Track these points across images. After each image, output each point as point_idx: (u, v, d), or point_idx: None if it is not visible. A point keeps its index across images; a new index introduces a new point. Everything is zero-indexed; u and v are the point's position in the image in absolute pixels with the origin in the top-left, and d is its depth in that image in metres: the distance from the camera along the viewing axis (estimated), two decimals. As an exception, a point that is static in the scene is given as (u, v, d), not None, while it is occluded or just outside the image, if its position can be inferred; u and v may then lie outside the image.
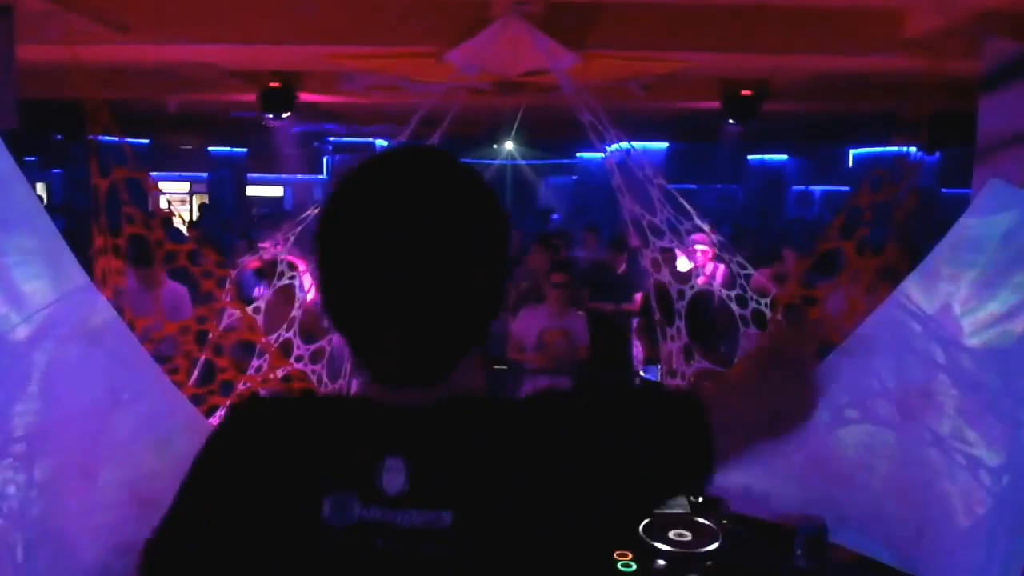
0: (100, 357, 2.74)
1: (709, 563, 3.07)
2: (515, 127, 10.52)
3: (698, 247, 5.63)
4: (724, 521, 3.31)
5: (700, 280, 5.36)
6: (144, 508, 2.85)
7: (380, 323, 1.20)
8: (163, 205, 5.78)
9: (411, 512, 1.19)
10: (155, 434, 2.92)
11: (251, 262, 5.91)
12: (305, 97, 9.90)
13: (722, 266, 6.08)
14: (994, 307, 2.83)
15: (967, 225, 2.92)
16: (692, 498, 3.51)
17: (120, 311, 3.38)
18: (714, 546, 3.13)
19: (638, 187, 4.90)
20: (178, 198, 20.69)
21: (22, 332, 2.49)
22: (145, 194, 4.30)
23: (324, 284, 1.24)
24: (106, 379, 2.75)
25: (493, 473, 1.23)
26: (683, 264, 5.93)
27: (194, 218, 18.40)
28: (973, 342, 2.86)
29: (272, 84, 9.36)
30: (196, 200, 20.44)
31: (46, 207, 2.67)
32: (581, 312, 6.77)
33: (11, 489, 2.45)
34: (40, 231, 2.56)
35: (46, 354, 2.55)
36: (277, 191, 20.76)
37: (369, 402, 1.28)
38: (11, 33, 4.95)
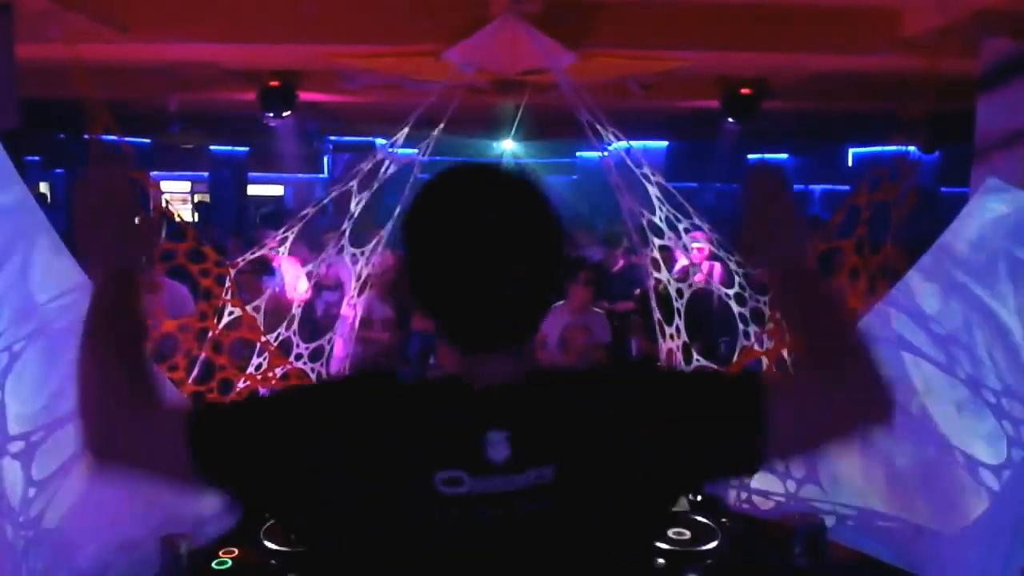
0: (99, 355, 2.74)
1: (709, 561, 3.08)
2: (515, 126, 10.48)
3: (695, 244, 5.63)
4: (723, 519, 3.31)
5: (698, 278, 5.37)
6: (144, 506, 2.87)
7: (475, 299, 1.37)
8: (163, 205, 5.79)
9: (516, 477, 1.34)
10: (154, 432, 2.92)
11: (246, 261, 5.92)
12: (305, 96, 9.90)
13: (718, 264, 6.09)
14: (992, 305, 2.84)
15: (964, 223, 2.93)
16: (691, 496, 3.52)
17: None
18: (713, 544, 3.13)
19: (637, 186, 4.91)
20: (179, 197, 20.69)
21: (20, 331, 2.50)
22: (147, 193, 4.31)
23: (421, 275, 1.41)
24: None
25: (583, 431, 1.39)
26: (680, 261, 5.94)
27: (194, 218, 18.44)
28: (971, 340, 2.87)
29: (272, 83, 9.36)
30: (197, 200, 20.43)
31: (49, 206, 2.68)
32: (601, 310, 6.80)
33: (10, 487, 2.45)
34: (38, 231, 2.56)
35: (44, 352, 2.55)
36: (278, 190, 20.76)
37: (460, 382, 1.42)
38: (11, 32, 4.95)
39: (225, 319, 4.36)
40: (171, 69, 8.57)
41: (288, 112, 9.59)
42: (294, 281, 6.49)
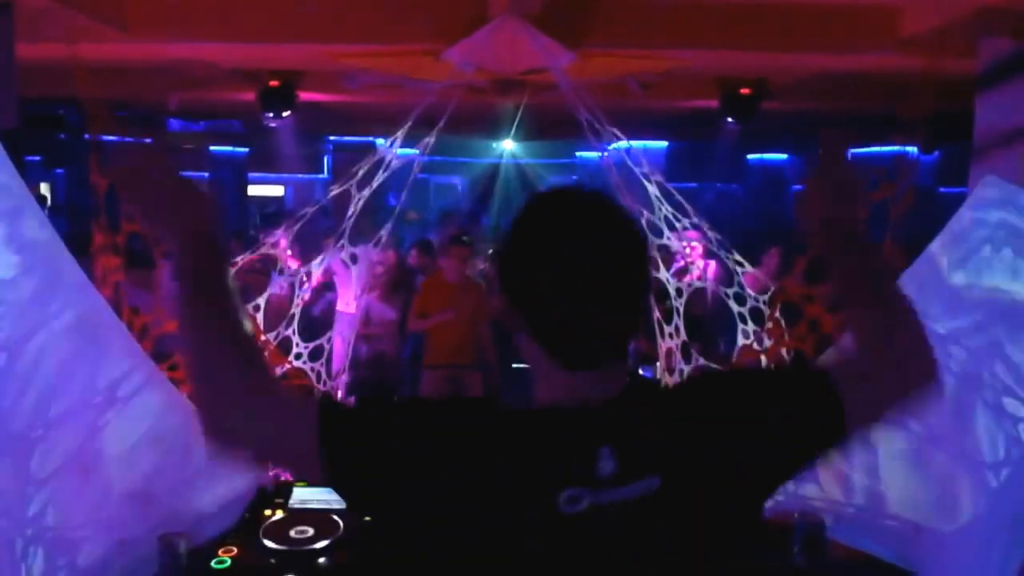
0: (97, 354, 2.74)
1: (707, 560, 3.07)
2: (514, 126, 10.48)
3: (690, 242, 5.64)
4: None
5: (693, 276, 5.38)
6: (143, 504, 2.87)
7: (582, 320, 1.45)
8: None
9: (623, 489, 1.40)
10: (153, 431, 2.93)
11: (247, 261, 5.92)
12: (305, 96, 9.89)
13: (714, 262, 6.10)
14: (990, 304, 2.84)
15: (963, 222, 2.93)
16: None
17: (119, 308, 3.39)
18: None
19: (636, 186, 4.91)
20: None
21: (19, 329, 2.50)
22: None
23: (529, 302, 1.48)
24: (103, 376, 2.76)
25: (682, 441, 1.47)
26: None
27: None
28: (969, 338, 2.87)
29: (272, 83, 9.36)
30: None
31: (50, 206, 2.68)
32: None
33: (9, 485, 2.45)
34: (37, 229, 2.57)
35: (43, 351, 2.55)
36: (278, 191, 20.75)
37: (563, 404, 1.48)
38: (11, 31, 4.94)
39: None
40: (171, 68, 8.56)
41: (288, 112, 9.58)
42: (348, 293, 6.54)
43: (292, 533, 3.11)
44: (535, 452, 1.44)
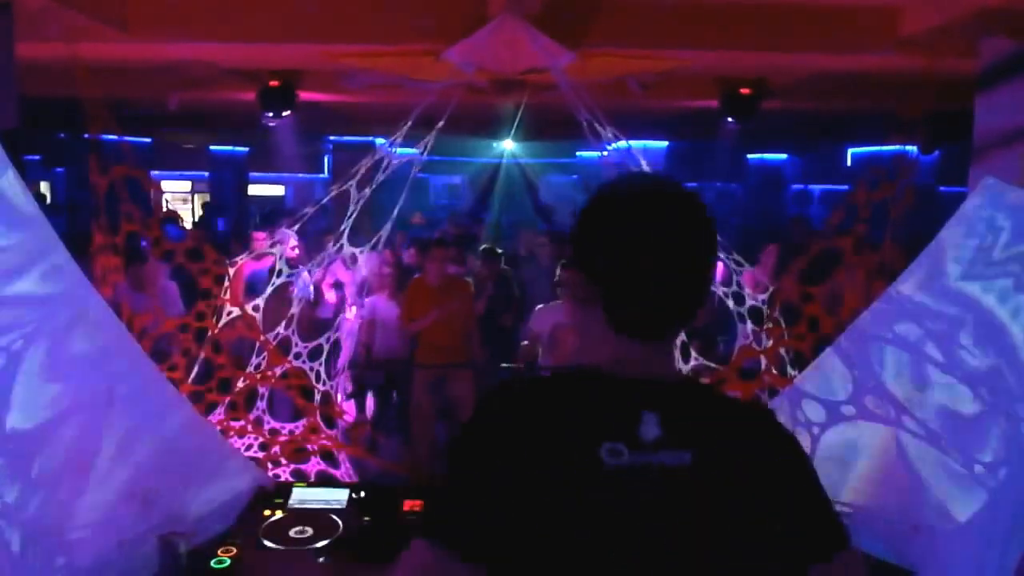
0: (96, 354, 2.74)
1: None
2: (515, 126, 10.48)
3: None
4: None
5: None
6: (143, 504, 2.87)
7: (647, 289, 1.58)
8: (163, 204, 5.80)
9: (663, 454, 1.54)
10: (152, 430, 2.93)
11: (249, 261, 5.93)
12: (305, 96, 9.90)
13: (720, 264, 6.11)
14: (989, 303, 2.85)
15: (961, 222, 2.93)
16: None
17: (118, 308, 3.40)
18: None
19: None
20: (179, 197, 20.70)
21: (18, 329, 2.50)
22: (148, 192, 4.31)
23: (599, 270, 1.60)
24: (102, 375, 2.76)
25: (720, 428, 1.60)
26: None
27: (197, 217, 18.46)
28: (968, 337, 2.88)
29: (272, 83, 9.36)
30: (199, 199, 20.44)
31: (49, 205, 2.69)
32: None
33: (8, 485, 2.46)
34: (36, 229, 2.57)
35: (42, 351, 2.55)
36: (279, 190, 20.77)
37: (616, 376, 1.60)
38: (11, 31, 4.94)
39: (224, 319, 4.37)
40: (171, 68, 8.57)
41: (288, 112, 9.58)
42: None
43: (292, 533, 3.11)
44: (582, 409, 1.58)
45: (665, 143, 17.22)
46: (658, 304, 1.60)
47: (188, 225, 15.41)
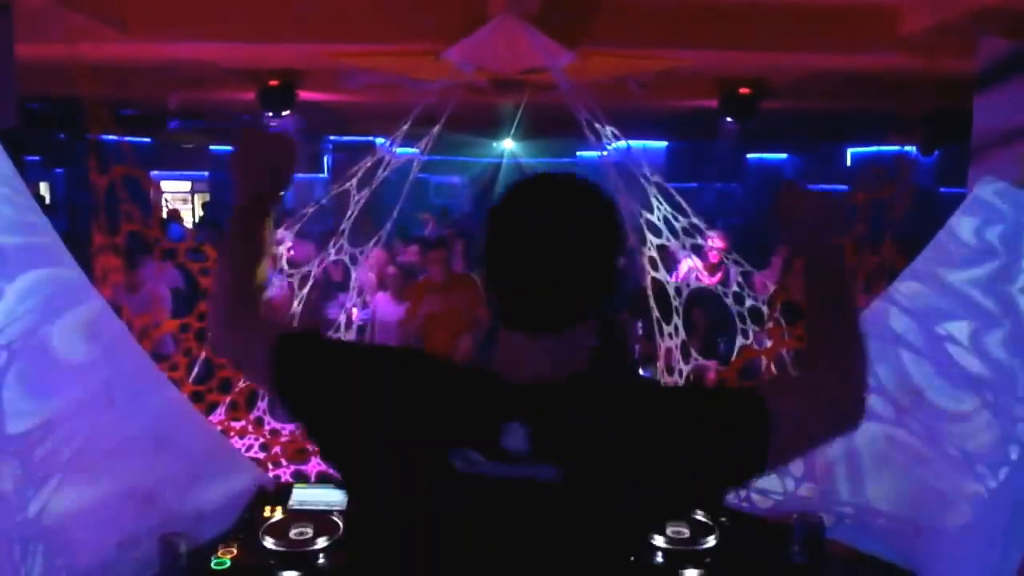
0: (97, 354, 2.75)
1: (707, 559, 3.08)
2: (514, 126, 10.50)
3: (713, 242, 5.64)
4: (722, 518, 3.31)
5: (716, 279, 5.38)
6: (143, 505, 2.87)
7: (514, 278, 1.55)
8: (163, 204, 5.81)
9: (528, 469, 1.47)
10: (153, 431, 2.93)
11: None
12: (305, 95, 9.90)
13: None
14: (988, 303, 2.85)
15: (961, 223, 2.94)
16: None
17: (118, 309, 3.40)
18: (712, 542, 3.14)
19: (635, 185, 4.91)
20: (179, 197, 20.69)
21: (18, 329, 2.50)
22: (148, 192, 4.30)
23: (486, 259, 1.59)
24: (103, 376, 2.76)
25: (593, 439, 1.51)
26: (690, 261, 5.94)
27: (199, 216, 18.46)
28: (967, 338, 2.88)
29: (271, 82, 9.37)
30: (199, 199, 20.43)
31: (48, 206, 2.69)
32: None
33: (9, 486, 2.46)
34: (37, 230, 2.57)
35: (42, 351, 2.56)
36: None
37: (497, 376, 1.56)
38: (10, 31, 4.93)
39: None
40: (171, 68, 8.57)
41: (288, 111, 9.59)
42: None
43: (292, 533, 3.11)
44: (444, 406, 1.56)
45: (665, 143, 17.23)
46: (526, 295, 1.55)
47: (188, 225, 15.40)
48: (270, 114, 9.58)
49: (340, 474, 1.69)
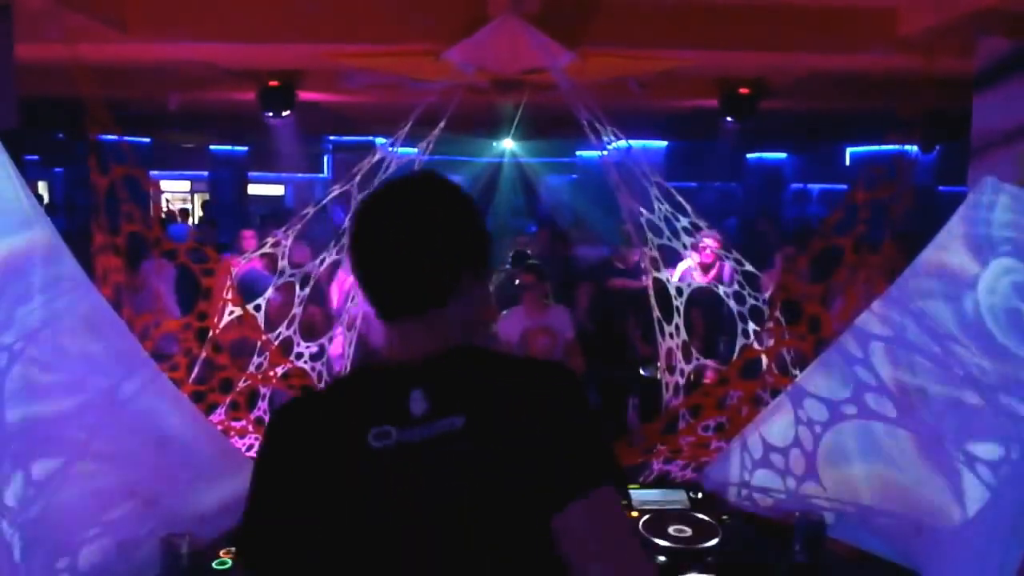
0: (97, 355, 2.74)
1: (709, 559, 3.08)
2: (514, 125, 10.49)
3: (707, 241, 5.65)
4: (724, 517, 3.32)
5: (709, 278, 5.39)
6: (144, 506, 2.87)
7: (377, 273, 1.67)
8: (163, 204, 5.81)
9: (434, 424, 1.57)
10: (154, 431, 2.93)
11: (253, 260, 5.93)
12: (304, 96, 9.90)
13: (728, 264, 6.13)
14: (988, 303, 2.85)
15: (961, 221, 2.93)
16: (691, 494, 3.53)
17: (119, 308, 3.39)
18: (714, 542, 3.14)
19: (636, 185, 4.92)
20: (179, 197, 20.70)
21: (19, 330, 2.50)
22: (148, 192, 4.31)
23: (351, 259, 1.70)
24: (103, 376, 2.76)
25: (483, 386, 1.63)
26: (688, 261, 5.95)
27: (198, 218, 18.47)
28: (968, 337, 2.88)
29: (271, 83, 9.37)
30: (198, 199, 20.45)
31: (47, 205, 2.69)
32: (562, 307, 6.70)
33: (9, 487, 2.46)
34: (38, 230, 2.57)
35: (45, 352, 2.55)
36: (278, 190, 20.76)
37: (387, 364, 1.69)
38: (10, 32, 4.94)
39: (226, 318, 4.37)
40: (171, 69, 8.57)
41: (288, 112, 9.59)
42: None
43: (293, 533, 3.11)
44: (351, 403, 1.66)
45: (664, 143, 17.22)
46: (387, 284, 1.67)
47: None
48: (270, 114, 9.57)
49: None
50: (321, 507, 1.59)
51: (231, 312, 4.40)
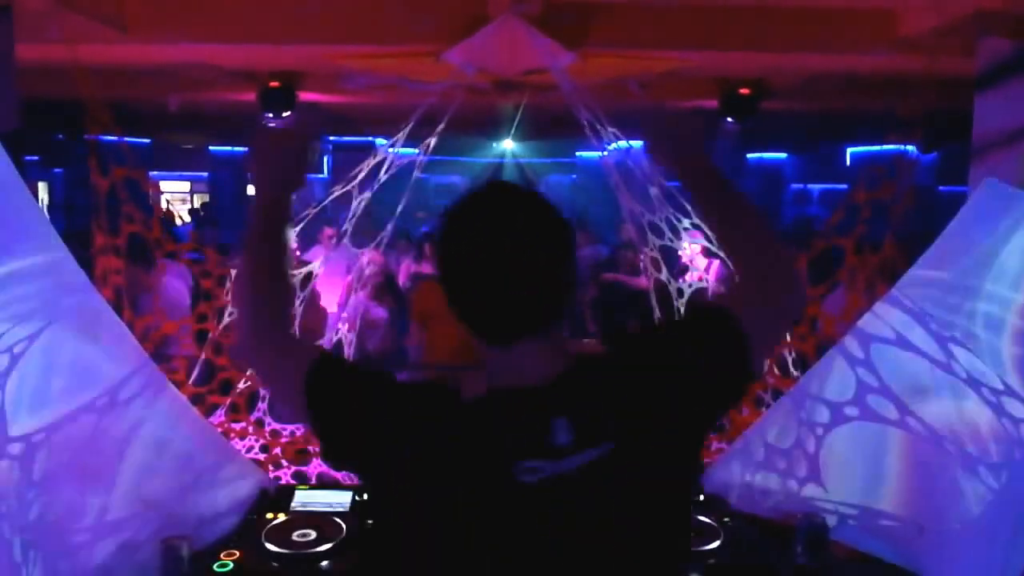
0: (98, 356, 2.74)
1: (711, 561, 3.07)
2: (515, 126, 10.50)
3: (692, 243, 5.64)
4: (725, 519, 3.31)
5: (696, 276, 5.38)
6: (144, 508, 2.87)
7: (484, 297, 1.61)
8: (163, 206, 5.81)
9: (581, 455, 1.53)
10: (154, 433, 2.92)
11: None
12: (305, 96, 9.89)
13: (716, 261, 6.12)
14: (989, 305, 2.84)
15: (962, 224, 2.93)
16: (693, 496, 3.52)
17: (120, 310, 3.39)
18: (715, 544, 3.13)
19: (637, 186, 4.91)
20: (179, 197, 20.71)
21: (19, 332, 2.49)
22: (148, 193, 4.31)
23: (448, 283, 1.64)
24: (104, 378, 2.75)
25: (630, 405, 1.60)
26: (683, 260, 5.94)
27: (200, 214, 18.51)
28: (970, 339, 2.87)
29: (272, 84, 9.36)
30: (198, 200, 20.45)
31: (47, 206, 2.69)
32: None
33: (9, 489, 2.45)
34: (37, 232, 2.56)
35: (43, 353, 2.55)
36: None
37: (512, 388, 1.62)
38: (11, 33, 4.92)
39: (226, 320, 4.37)
40: (170, 69, 8.56)
41: (288, 112, 9.58)
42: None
43: (294, 536, 3.10)
44: (491, 431, 1.58)
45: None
46: (492, 308, 1.62)
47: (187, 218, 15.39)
48: (270, 115, 9.56)
49: (372, 495, 1.78)
50: (462, 543, 1.56)
51: (231, 313, 4.39)
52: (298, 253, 5.28)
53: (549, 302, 1.62)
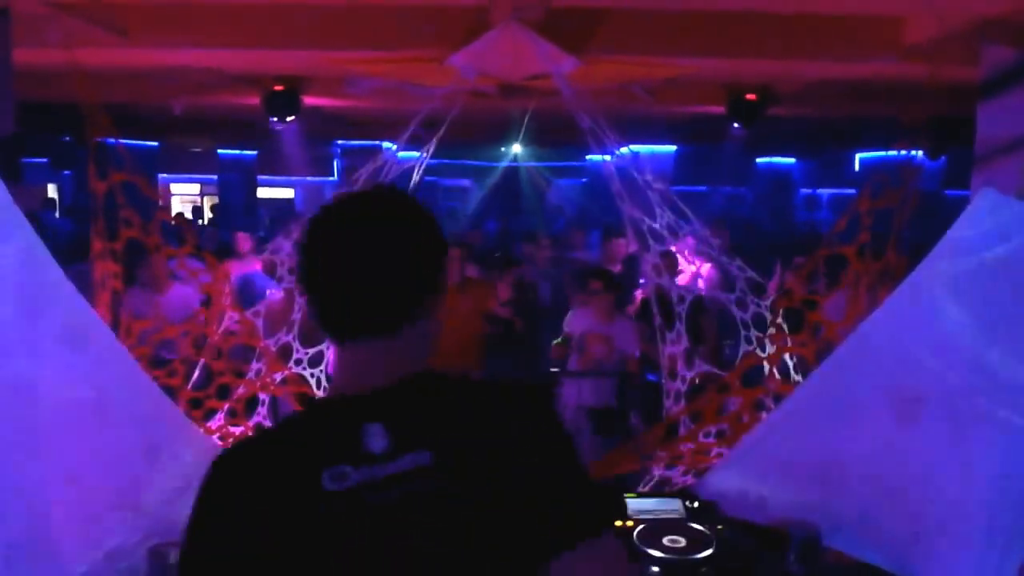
0: (86, 363, 2.74)
1: (703, 569, 3.06)
2: (523, 130, 10.51)
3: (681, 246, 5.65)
4: (718, 527, 3.30)
5: (684, 280, 5.39)
6: (132, 515, 2.86)
7: (338, 294, 1.57)
8: (166, 209, 5.81)
9: (397, 462, 1.48)
10: (143, 440, 2.92)
11: (254, 263, 5.93)
12: (309, 101, 9.91)
13: (708, 266, 6.12)
14: (986, 313, 2.83)
15: (960, 233, 2.92)
16: (687, 503, 3.51)
17: (117, 315, 3.39)
18: (708, 552, 3.12)
19: (638, 192, 4.91)
20: (188, 200, 20.78)
21: (7, 339, 2.49)
22: (147, 198, 4.30)
23: (304, 279, 1.60)
24: (92, 385, 2.75)
25: (458, 424, 1.55)
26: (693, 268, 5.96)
27: (207, 219, 18.56)
28: (969, 344, 2.86)
29: (276, 88, 9.38)
30: (207, 202, 20.52)
31: (59, 208, 2.68)
32: (630, 319, 6.63)
33: (-2, 496, 2.45)
34: (22, 238, 2.55)
35: (31, 360, 2.55)
36: (288, 193, 20.83)
37: (342, 395, 1.57)
38: (8, 36, 4.93)
39: (224, 323, 4.37)
40: (175, 74, 8.58)
41: (293, 117, 9.59)
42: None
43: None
44: (301, 439, 1.54)
45: (673, 147, 17.22)
46: (351, 298, 1.57)
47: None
48: (275, 119, 9.58)
49: None
50: (272, 563, 1.46)
51: (232, 318, 4.40)
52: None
53: (393, 302, 1.57)
